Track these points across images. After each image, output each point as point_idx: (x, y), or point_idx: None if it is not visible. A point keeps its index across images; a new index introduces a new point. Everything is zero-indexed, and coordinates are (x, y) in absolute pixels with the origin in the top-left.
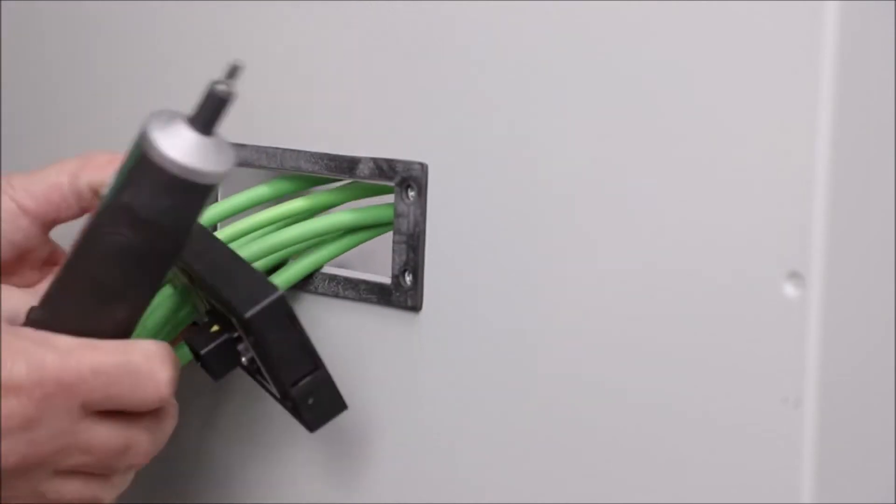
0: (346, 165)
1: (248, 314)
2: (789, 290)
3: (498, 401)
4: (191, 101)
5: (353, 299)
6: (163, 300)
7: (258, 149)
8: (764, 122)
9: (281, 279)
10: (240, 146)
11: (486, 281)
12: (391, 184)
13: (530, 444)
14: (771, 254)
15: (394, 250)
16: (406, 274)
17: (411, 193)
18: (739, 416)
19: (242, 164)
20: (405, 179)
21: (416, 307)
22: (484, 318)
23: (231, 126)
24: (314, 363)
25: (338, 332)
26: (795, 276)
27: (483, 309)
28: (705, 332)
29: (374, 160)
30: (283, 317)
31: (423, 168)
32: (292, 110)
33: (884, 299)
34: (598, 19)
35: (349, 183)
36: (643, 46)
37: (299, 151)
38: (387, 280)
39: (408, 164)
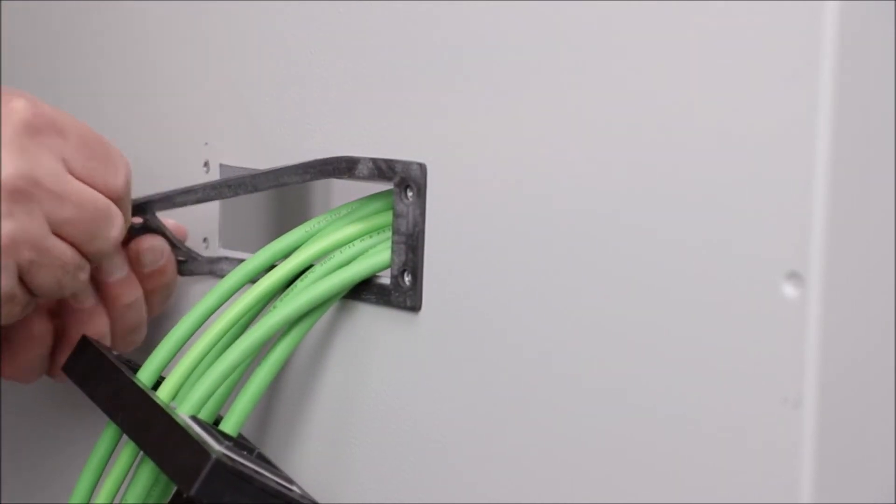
0: (344, 166)
1: (192, 492)
2: (789, 290)
3: (497, 401)
4: (190, 100)
5: (353, 299)
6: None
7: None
8: (763, 122)
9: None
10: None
11: (485, 281)
12: (390, 184)
13: (530, 444)
14: (770, 254)
15: (393, 250)
16: (405, 274)
17: (410, 194)
18: (739, 417)
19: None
20: (404, 180)
21: (415, 307)
22: (483, 319)
23: (230, 126)
24: (285, 500)
25: (337, 333)
26: (795, 277)
27: (482, 309)
28: (705, 333)
29: (374, 160)
30: (228, 478)
31: (423, 168)
32: (292, 110)
33: (884, 299)
34: (597, 19)
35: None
36: (642, 46)
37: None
38: (386, 280)
39: (407, 165)
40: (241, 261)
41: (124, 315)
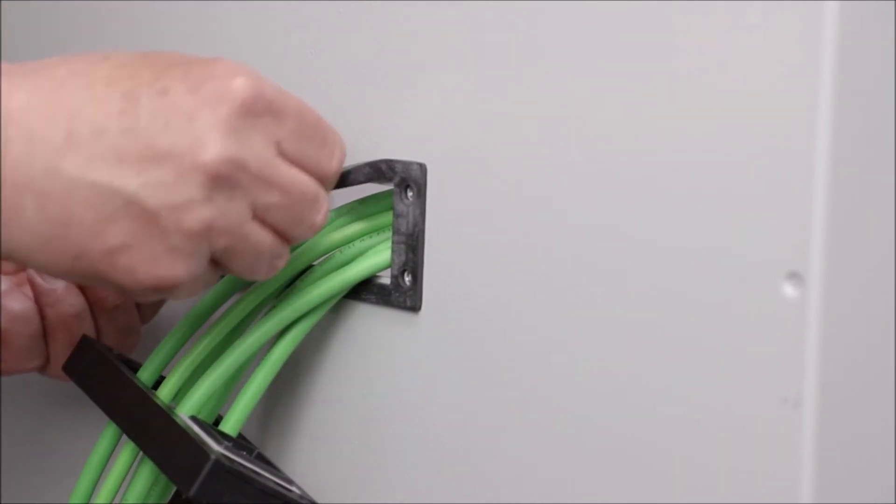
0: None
1: (191, 492)
2: (789, 290)
3: (497, 401)
4: None
5: (353, 299)
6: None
7: None
8: (764, 123)
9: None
10: None
11: (485, 281)
12: (390, 185)
13: (529, 443)
14: (770, 254)
15: (393, 250)
16: (405, 274)
17: (410, 194)
18: (739, 417)
19: None
20: (404, 180)
21: (415, 307)
22: (483, 319)
23: None
24: (284, 500)
25: (337, 332)
26: (795, 277)
27: (482, 309)
28: (705, 333)
29: (374, 161)
30: (227, 478)
31: (423, 168)
32: None
33: (884, 299)
34: (597, 19)
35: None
36: (643, 47)
37: None
38: (386, 280)
39: (407, 165)
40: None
41: (114, 317)
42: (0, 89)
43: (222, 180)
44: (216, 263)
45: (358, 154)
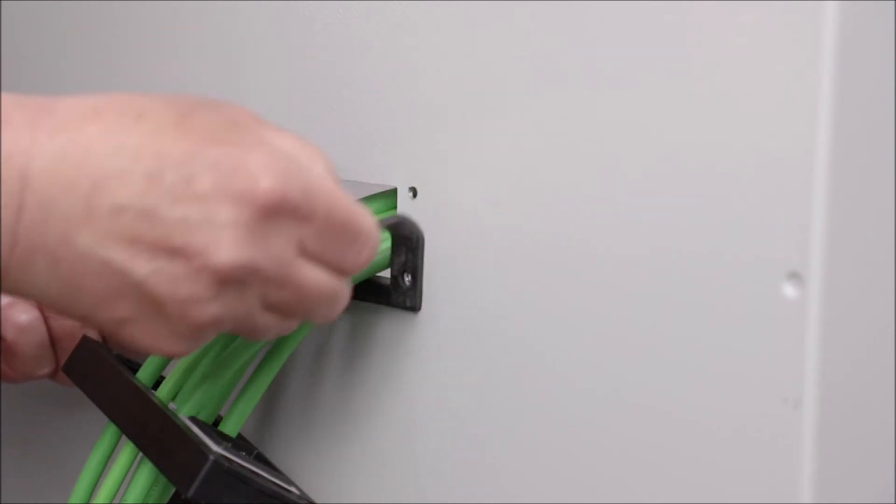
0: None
1: (190, 493)
2: (789, 290)
3: (497, 401)
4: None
5: (353, 299)
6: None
7: None
8: (763, 122)
9: None
10: None
11: (484, 281)
12: (391, 185)
13: (529, 443)
14: (771, 254)
15: (393, 251)
16: (405, 274)
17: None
18: (739, 417)
19: None
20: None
21: (414, 307)
22: (483, 319)
23: None
24: (283, 501)
25: (337, 333)
26: (795, 277)
27: (482, 309)
28: (705, 333)
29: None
30: (226, 479)
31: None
32: (292, 113)
33: (884, 299)
34: (596, 19)
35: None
36: (642, 46)
37: None
38: (386, 280)
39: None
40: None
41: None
42: (22, 146)
43: (233, 282)
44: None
45: (357, 154)
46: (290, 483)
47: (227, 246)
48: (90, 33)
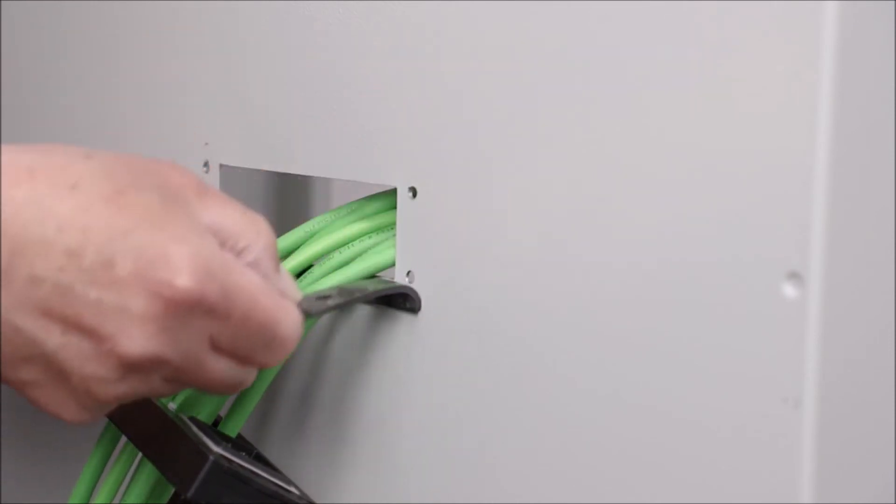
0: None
1: (190, 493)
2: (789, 290)
3: (497, 401)
4: (190, 100)
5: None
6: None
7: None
8: (763, 122)
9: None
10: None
11: (484, 282)
12: (391, 185)
13: (529, 443)
14: (771, 254)
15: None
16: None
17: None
18: (739, 417)
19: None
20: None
21: (414, 307)
22: (482, 319)
23: (230, 127)
24: (282, 501)
25: (337, 332)
26: (795, 277)
27: (482, 309)
28: (705, 333)
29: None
30: (226, 479)
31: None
32: (291, 112)
33: (884, 299)
34: (596, 19)
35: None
36: (642, 46)
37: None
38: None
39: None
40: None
41: None
42: None
43: (136, 370)
44: None
45: (357, 154)
46: (290, 483)
47: (136, 336)
48: (90, 33)
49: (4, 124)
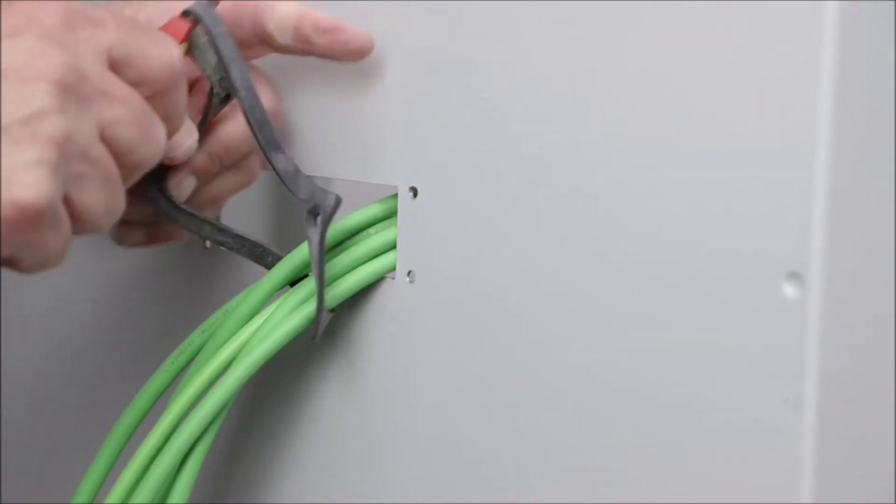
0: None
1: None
2: (789, 290)
3: (497, 398)
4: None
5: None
6: None
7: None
8: (764, 123)
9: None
10: None
11: (485, 280)
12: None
13: (530, 441)
14: (771, 254)
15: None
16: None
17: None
18: (739, 417)
19: None
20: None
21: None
22: (483, 318)
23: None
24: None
25: (337, 332)
26: (795, 277)
27: (482, 308)
28: (705, 333)
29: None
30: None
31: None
32: (291, 112)
33: (884, 299)
34: (596, 19)
35: None
36: (642, 46)
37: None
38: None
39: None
40: (238, 236)
41: None
42: None
43: (70, 89)
44: (66, 203)
45: (357, 154)
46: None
47: (48, 53)
48: None
49: None
